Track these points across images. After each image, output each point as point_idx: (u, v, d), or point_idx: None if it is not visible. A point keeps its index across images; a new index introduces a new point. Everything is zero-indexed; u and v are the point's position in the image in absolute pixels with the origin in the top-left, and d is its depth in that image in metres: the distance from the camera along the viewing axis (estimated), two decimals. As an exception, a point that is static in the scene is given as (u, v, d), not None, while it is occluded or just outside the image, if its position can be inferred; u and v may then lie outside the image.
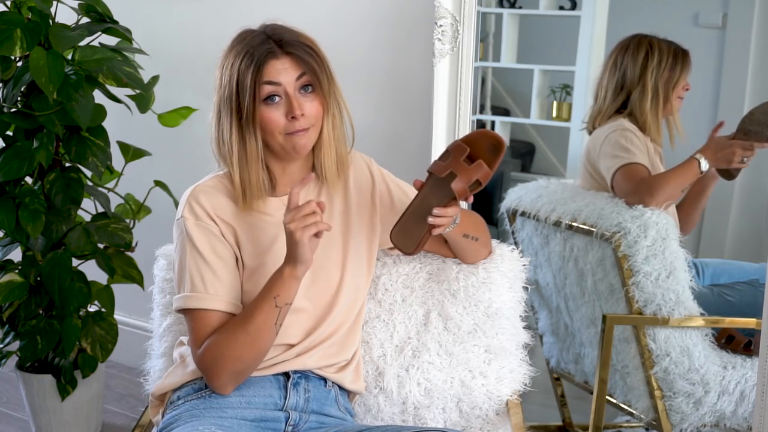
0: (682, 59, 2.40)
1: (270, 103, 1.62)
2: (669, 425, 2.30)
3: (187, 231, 1.67)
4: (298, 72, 1.63)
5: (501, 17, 2.77)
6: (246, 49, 1.63)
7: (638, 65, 2.40)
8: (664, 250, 2.22)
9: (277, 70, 1.62)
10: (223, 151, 1.68)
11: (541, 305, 2.62)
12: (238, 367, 1.62)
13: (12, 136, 2.48)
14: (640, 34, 2.43)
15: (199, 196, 1.69)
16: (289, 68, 1.63)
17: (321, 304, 1.73)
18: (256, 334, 1.59)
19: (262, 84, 1.61)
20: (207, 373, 1.64)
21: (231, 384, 1.65)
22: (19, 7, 2.39)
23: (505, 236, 2.60)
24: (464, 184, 1.59)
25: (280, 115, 1.63)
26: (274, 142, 1.65)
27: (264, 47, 1.62)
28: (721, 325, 2.29)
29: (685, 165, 2.31)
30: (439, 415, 1.87)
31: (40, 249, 2.49)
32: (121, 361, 3.22)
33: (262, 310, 1.58)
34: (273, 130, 1.63)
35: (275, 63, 1.62)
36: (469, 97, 2.28)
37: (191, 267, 1.66)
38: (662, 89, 2.39)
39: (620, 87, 2.43)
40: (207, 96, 2.92)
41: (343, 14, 2.62)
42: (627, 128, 2.38)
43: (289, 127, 1.63)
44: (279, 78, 1.62)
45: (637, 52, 2.40)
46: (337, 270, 1.74)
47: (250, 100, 1.61)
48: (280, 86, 1.62)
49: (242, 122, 1.63)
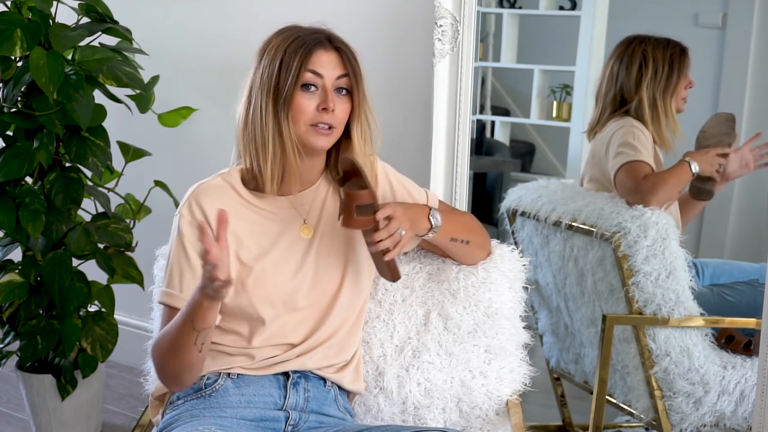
0: (679, 64, 2.38)
1: (306, 91, 1.64)
2: (669, 425, 2.30)
3: (180, 228, 1.68)
4: (341, 71, 1.65)
5: (501, 17, 2.77)
6: (297, 35, 1.65)
7: (633, 79, 2.39)
8: (664, 250, 2.22)
9: (323, 62, 1.64)
10: (247, 133, 1.67)
11: (541, 305, 2.62)
12: (167, 373, 1.63)
13: (12, 136, 2.48)
14: (637, 37, 2.41)
15: (200, 196, 1.69)
16: (334, 63, 1.65)
17: (321, 305, 1.73)
18: (177, 350, 1.58)
19: (306, 70, 1.63)
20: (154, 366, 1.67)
21: (173, 385, 1.65)
22: (19, 7, 2.39)
23: (505, 236, 2.60)
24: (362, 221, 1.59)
25: (311, 105, 1.64)
26: (297, 131, 1.65)
27: (315, 36, 1.65)
28: (721, 325, 2.29)
29: (678, 166, 2.33)
30: (439, 415, 1.87)
31: (40, 249, 2.49)
32: (121, 361, 3.22)
33: (182, 331, 1.56)
34: (299, 118, 1.64)
35: (322, 54, 1.64)
36: (469, 97, 2.28)
37: (174, 264, 1.68)
38: (660, 99, 2.39)
39: (619, 97, 2.43)
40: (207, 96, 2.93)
41: (343, 14, 2.62)
42: (635, 125, 2.37)
43: (316, 117, 1.64)
44: (323, 69, 1.64)
45: (631, 65, 2.40)
46: (338, 272, 1.74)
47: (292, 82, 1.62)
48: (321, 78, 1.64)
49: (278, 104, 1.63)
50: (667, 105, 2.39)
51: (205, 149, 2.99)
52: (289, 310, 1.70)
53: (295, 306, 1.70)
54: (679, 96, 2.41)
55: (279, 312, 1.69)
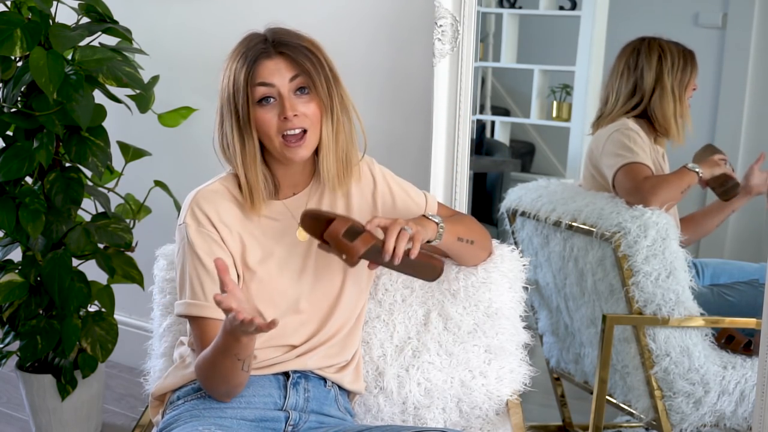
0: (690, 60, 2.41)
1: (264, 104, 1.62)
2: (669, 425, 2.30)
3: (189, 238, 1.66)
4: (291, 73, 1.62)
5: (501, 17, 2.77)
6: (242, 50, 1.63)
7: (654, 68, 2.40)
8: (664, 250, 2.22)
9: (270, 71, 1.61)
10: (227, 154, 1.68)
11: (541, 305, 2.62)
12: (221, 391, 1.64)
13: (12, 136, 2.48)
14: (647, 36, 2.42)
15: (201, 201, 1.68)
16: (282, 68, 1.62)
17: (323, 308, 1.73)
18: (226, 377, 1.59)
19: (255, 85, 1.61)
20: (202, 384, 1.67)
21: (225, 398, 1.66)
22: (19, 7, 2.39)
23: (505, 236, 2.60)
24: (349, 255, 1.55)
25: (273, 116, 1.62)
26: (272, 146, 1.64)
27: (258, 48, 1.62)
28: (721, 325, 2.29)
29: (679, 172, 2.34)
30: (439, 415, 1.87)
31: (40, 249, 2.49)
32: (121, 361, 3.22)
33: (226, 362, 1.56)
34: (268, 132, 1.62)
35: (268, 63, 1.61)
36: (469, 97, 2.28)
37: (192, 274, 1.65)
38: (677, 90, 2.40)
39: (633, 91, 2.43)
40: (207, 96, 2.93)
41: (343, 14, 2.62)
42: (630, 128, 2.38)
43: (282, 127, 1.61)
44: (271, 79, 1.61)
45: (650, 55, 2.40)
46: (339, 275, 1.74)
47: (245, 102, 1.61)
48: (274, 87, 1.62)
49: (240, 124, 1.63)
50: (683, 97, 2.41)
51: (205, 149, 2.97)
52: (292, 312, 1.70)
53: (297, 309, 1.70)
54: (687, 94, 2.42)
55: (282, 313, 1.69)
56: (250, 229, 1.69)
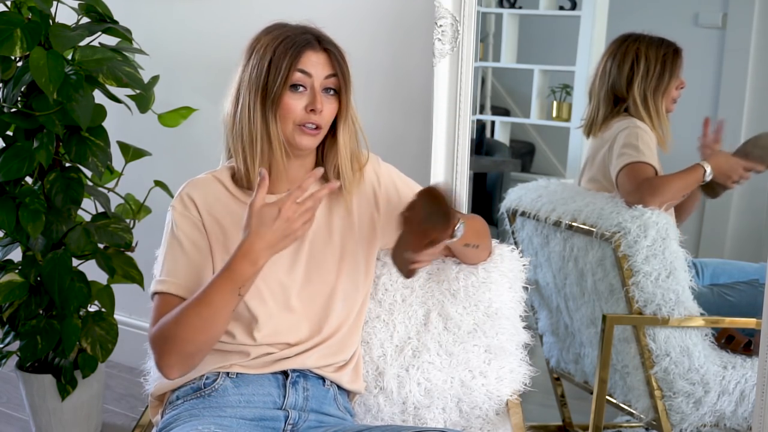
0: (671, 64, 2.37)
1: (294, 91, 1.65)
2: (669, 425, 2.30)
3: (174, 219, 1.71)
4: (329, 71, 1.66)
5: (501, 17, 2.77)
6: (286, 35, 1.66)
7: (624, 76, 2.39)
8: (664, 250, 2.22)
9: (312, 62, 1.65)
10: (235, 131, 1.68)
11: (541, 305, 2.62)
12: (187, 349, 1.58)
13: (12, 136, 2.48)
14: (631, 36, 2.41)
15: (191, 189, 1.73)
16: (323, 63, 1.66)
17: (317, 306, 1.73)
18: (212, 320, 1.56)
19: (296, 70, 1.64)
20: (156, 351, 1.60)
21: (177, 366, 1.59)
22: (19, 7, 2.39)
23: (505, 236, 2.60)
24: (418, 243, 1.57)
25: (300, 105, 1.65)
26: (286, 129, 1.66)
27: (304, 37, 1.66)
28: (721, 325, 2.29)
29: (690, 170, 2.31)
30: (439, 415, 1.87)
31: (40, 249, 2.49)
32: (121, 361, 3.22)
33: (224, 299, 1.55)
34: (288, 118, 1.65)
35: (312, 55, 1.65)
36: (469, 97, 2.28)
37: (167, 253, 1.69)
38: (651, 98, 2.38)
39: (611, 95, 2.43)
40: (207, 96, 2.93)
41: (343, 14, 2.63)
42: (639, 126, 2.37)
43: (305, 118, 1.65)
44: (312, 69, 1.65)
45: (623, 62, 2.39)
46: (332, 272, 1.75)
47: (281, 82, 1.63)
48: (310, 78, 1.65)
49: (266, 104, 1.64)
50: (658, 104, 2.38)
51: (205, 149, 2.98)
52: (283, 309, 1.70)
53: (288, 305, 1.70)
54: (669, 96, 2.40)
55: (272, 311, 1.69)
56: (238, 219, 1.69)
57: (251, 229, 1.53)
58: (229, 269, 1.54)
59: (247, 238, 1.53)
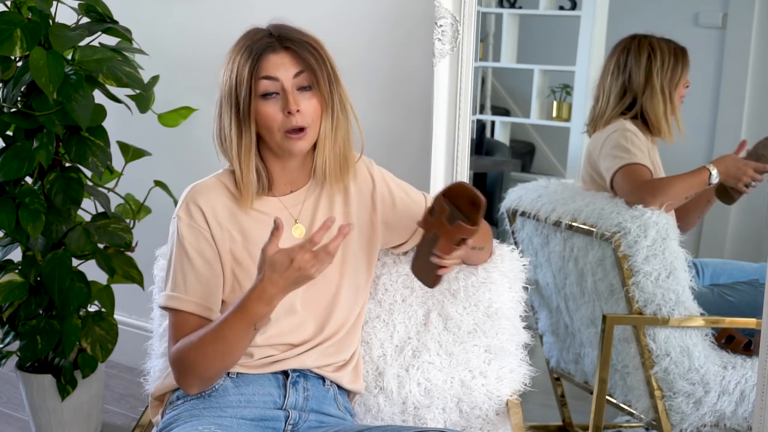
0: (681, 57, 2.40)
1: (267, 98, 1.62)
2: (669, 425, 2.30)
3: (180, 231, 1.68)
4: (296, 69, 1.63)
5: (501, 17, 2.77)
6: (246, 43, 1.64)
7: (643, 67, 2.39)
8: (664, 250, 2.22)
9: (275, 65, 1.62)
10: (224, 147, 1.68)
11: (541, 305, 2.62)
12: (205, 375, 1.62)
13: (12, 136, 2.48)
14: (639, 34, 2.42)
15: (196, 197, 1.70)
16: (287, 63, 1.63)
17: (320, 307, 1.73)
18: (229, 352, 1.59)
19: (260, 79, 1.61)
20: (175, 373, 1.65)
21: (197, 386, 1.65)
22: (19, 7, 2.39)
23: (505, 236, 2.60)
24: (448, 244, 1.58)
25: (277, 111, 1.62)
26: (272, 140, 1.65)
27: (263, 42, 1.63)
28: (721, 325, 2.29)
29: (695, 173, 2.30)
30: (439, 415, 1.87)
31: (40, 249, 2.49)
32: (121, 361, 3.22)
33: (239, 335, 1.56)
34: (271, 127, 1.63)
35: (273, 57, 1.62)
36: (469, 97, 2.28)
37: (176, 267, 1.68)
38: (667, 89, 2.39)
39: (624, 90, 2.42)
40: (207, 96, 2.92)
41: (343, 14, 2.63)
42: (628, 129, 2.38)
43: (286, 123, 1.62)
44: (276, 73, 1.62)
45: (639, 54, 2.40)
46: (336, 273, 1.74)
47: (247, 94, 1.61)
48: (278, 81, 1.62)
49: (240, 117, 1.63)
50: (673, 96, 2.39)
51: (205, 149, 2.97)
52: (287, 311, 1.70)
53: (293, 307, 1.70)
54: (679, 92, 2.41)
55: (276, 313, 1.68)
56: (244, 224, 1.70)
57: (264, 275, 1.51)
58: (244, 309, 1.54)
59: (260, 282, 1.52)
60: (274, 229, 1.51)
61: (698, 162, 2.35)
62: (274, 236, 1.51)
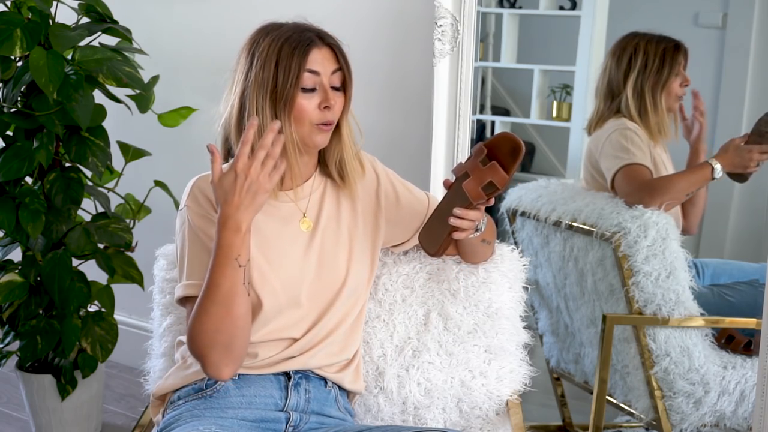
0: (671, 58, 2.38)
1: (306, 91, 1.64)
2: (669, 425, 2.30)
3: (190, 220, 1.67)
4: (334, 66, 1.66)
5: (501, 17, 2.77)
6: (288, 35, 1.64)
7: (621, 70, 2.40)
8: (664, 250, 2.22)
9: (319, 60, 1.64)
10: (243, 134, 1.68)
11: (541, 305, 2.62)
12: (220, 340, 1.56)
13: (12, 136, 2.48)
14: (635, 34, 2.42)
15: (203, 186, 1.70)
16: (329, 59, 1.65)
17: (324, 300, 1.73)
18: (228, 301, 1.56)
19: (305, 71, 1.63)
20: (197, 357, 1.60)
21: (224, 363, 1.58)
22: (19, 7, 2.39)
23: (505, 236, 2.60)
24: (476, 185, 1.57)
25: (314, 105, 1.64)
26: (303, 129, 1.65)
27: (307, 35, 1.64)
28: (721, 325, 2.29)
29: (696, 169, 2.30)
30: (439, 415, 1.87)
31: (40, 249, 2.49)
32: (121, 361, 3.22)
33: (226, 275, 1.55)
34: (304, 119, 1.64)
35: (317, 53, 1.64)
36: (469, 97, 2.29)
37: (191, 255, 1.66)
38: (649, 93, 2.38)
39: (610, 92, 2.43)
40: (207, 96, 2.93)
41: (343, 14, 2.63)
42: (628, 128, 2.38)
43: (321, 117, 1.64)
44: (320, 67, 1.64)
45: (621, 57, 2.40)
46: (343, 267, 1.74)
47: (292, 84, 1.62)
48: (318, 77, 1.64)
49: (277, 106, 1.63)
50: (656, 99, 2.38)
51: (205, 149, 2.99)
52: (292, 304, 1.69)
53: (298, 299, 1.70)
54: (672, 93, 2.40)
55: (282, 305, 1.68)
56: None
57: (219, 200, 1.54)
58: (218, 245, 1.55)
59: (221, 210, 1.54)
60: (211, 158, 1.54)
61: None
62: (214, 164, 1.54)
